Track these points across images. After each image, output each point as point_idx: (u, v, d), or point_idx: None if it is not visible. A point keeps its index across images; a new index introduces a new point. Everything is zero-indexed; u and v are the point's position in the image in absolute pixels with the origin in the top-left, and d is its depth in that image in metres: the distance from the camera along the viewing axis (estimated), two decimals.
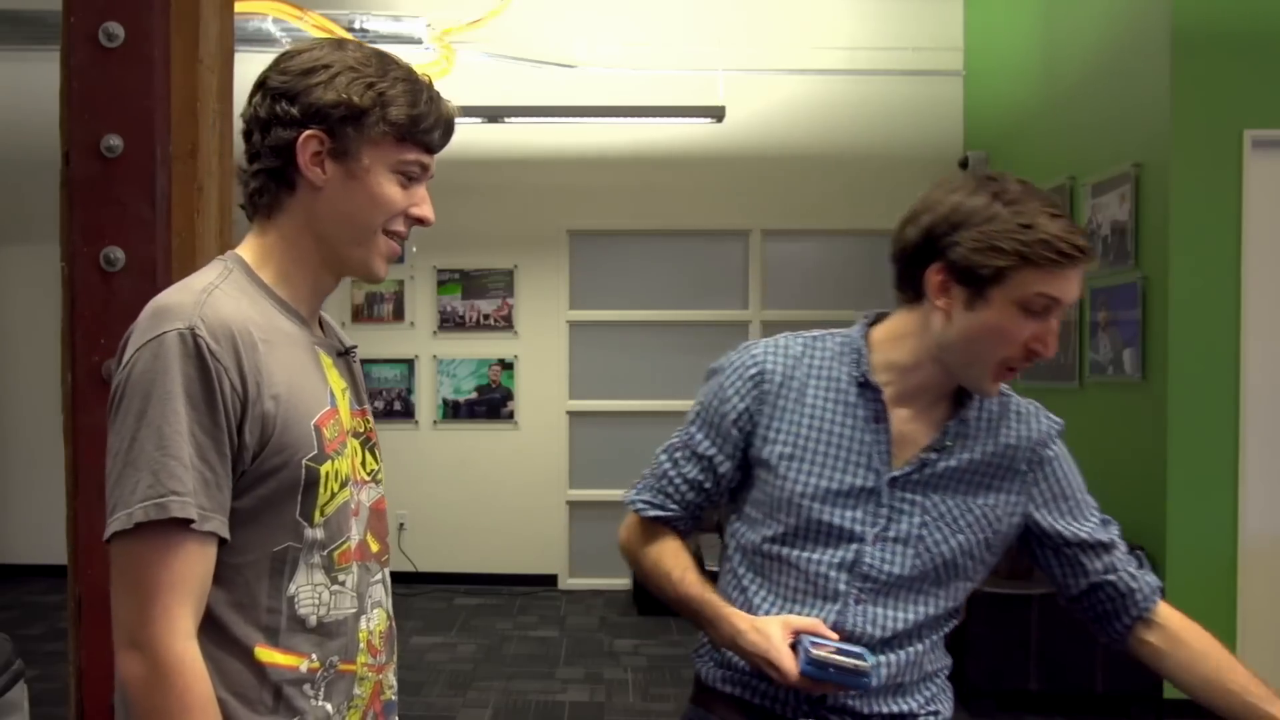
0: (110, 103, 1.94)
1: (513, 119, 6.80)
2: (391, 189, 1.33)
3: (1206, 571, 4.54)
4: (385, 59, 1.34)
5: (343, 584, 1.33)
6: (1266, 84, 4.55)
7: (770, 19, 7.16)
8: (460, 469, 7.34)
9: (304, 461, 1.27)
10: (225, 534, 1.23)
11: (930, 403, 1.61)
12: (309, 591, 1.29)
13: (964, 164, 6.98)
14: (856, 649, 1.51)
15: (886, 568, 1.58)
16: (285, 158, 1.31)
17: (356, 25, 5.89)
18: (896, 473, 1.58)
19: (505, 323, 7.37)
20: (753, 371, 1.64)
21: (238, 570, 1.25)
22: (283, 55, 1.35)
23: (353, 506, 1.35)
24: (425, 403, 7.37)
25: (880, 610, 1.58)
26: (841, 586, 1.58)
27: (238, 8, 2.35)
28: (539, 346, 7.36)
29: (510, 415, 7.39)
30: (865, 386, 1.59)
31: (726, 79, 6.94)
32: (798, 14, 7.17)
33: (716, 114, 6.68)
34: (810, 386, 1.61)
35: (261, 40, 5.65)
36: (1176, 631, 1.62)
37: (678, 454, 1.70)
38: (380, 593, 1.41)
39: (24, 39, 5.88)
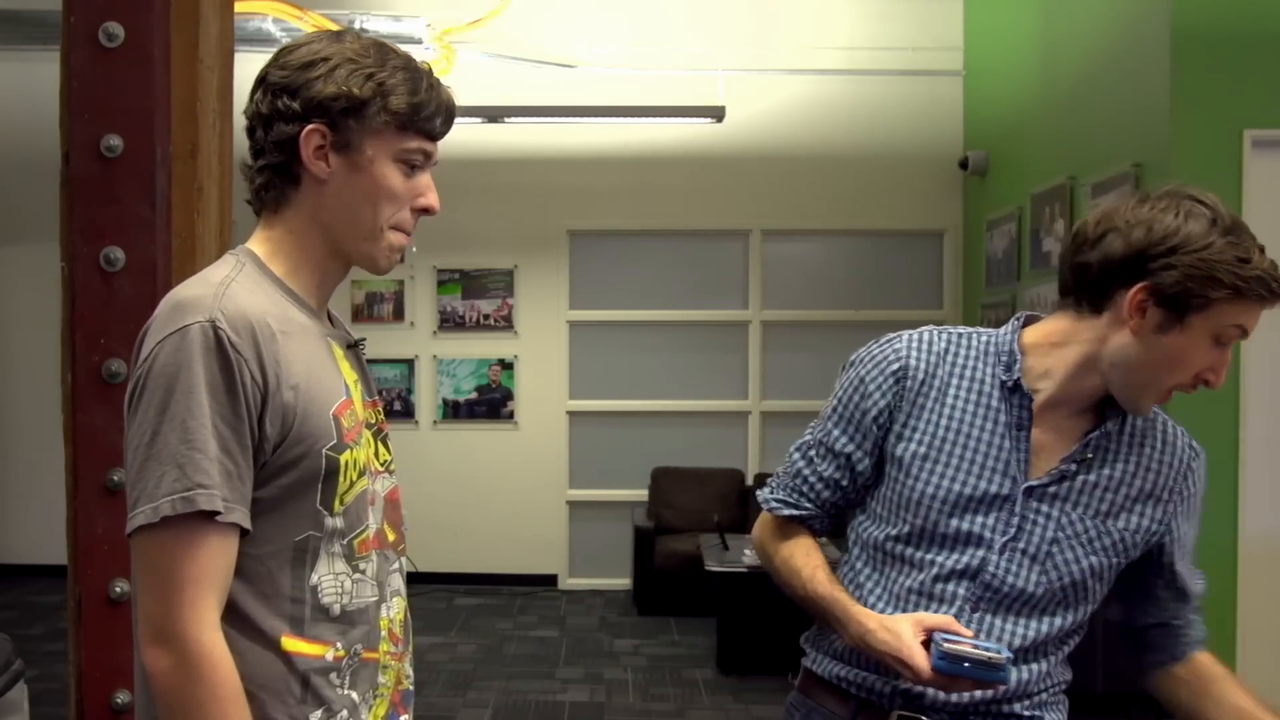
0: (110, 103, 1.94)
1: (513, 119, 6.80)
2: (395, 178, 1.34)
3: (1206, 572, 4.51)
4: (383, 48, 1.35)
5: (363, 572, 1.34)
6: (1266, 84, 4.55)
7: (770, 19, 7.16)
8: (460, 469, 7.33)
9: (324, 451, 1.28)
10: (247, 525, 1.24)
11: (1073, 413, 1.55)
12: (331, 580, 1.30)
13: (964, 164, 6.99)
14: (992, 644, 1.45)
15: (1011, 580, 1.53)
16: (289, 152, 1.31)
17: (356, 25, 5.89)
18: (1034, 482, 1.53)
19: (505, 323, 7.37)
20: (895, 367, 1.58)
21: (260, 561, 1.26)
22: (282, 49, 1.35)
23: (369, 496, 1.36)
24: (425, 403, 7.37)
25: (999, 622, 1.54)
26: (961, 592, 1.54)
27: (238, 8, 2.35)
28: (539, 346, 7.36)
29: (510, 415, 7.39)
30: (1015, 392, 1.54)
31: (726, 79, 6.94)
32: (798, 14, 7.17)
33: (716, 114, 6.68)
34: (952, 386, 1.56)
35: (261, 40, 5.65)
36: (1207, 673, 1.61)
37: (812, 451, 1.65)
38: (398, 581, 1.43)
39: (24, 39, 5.88)
